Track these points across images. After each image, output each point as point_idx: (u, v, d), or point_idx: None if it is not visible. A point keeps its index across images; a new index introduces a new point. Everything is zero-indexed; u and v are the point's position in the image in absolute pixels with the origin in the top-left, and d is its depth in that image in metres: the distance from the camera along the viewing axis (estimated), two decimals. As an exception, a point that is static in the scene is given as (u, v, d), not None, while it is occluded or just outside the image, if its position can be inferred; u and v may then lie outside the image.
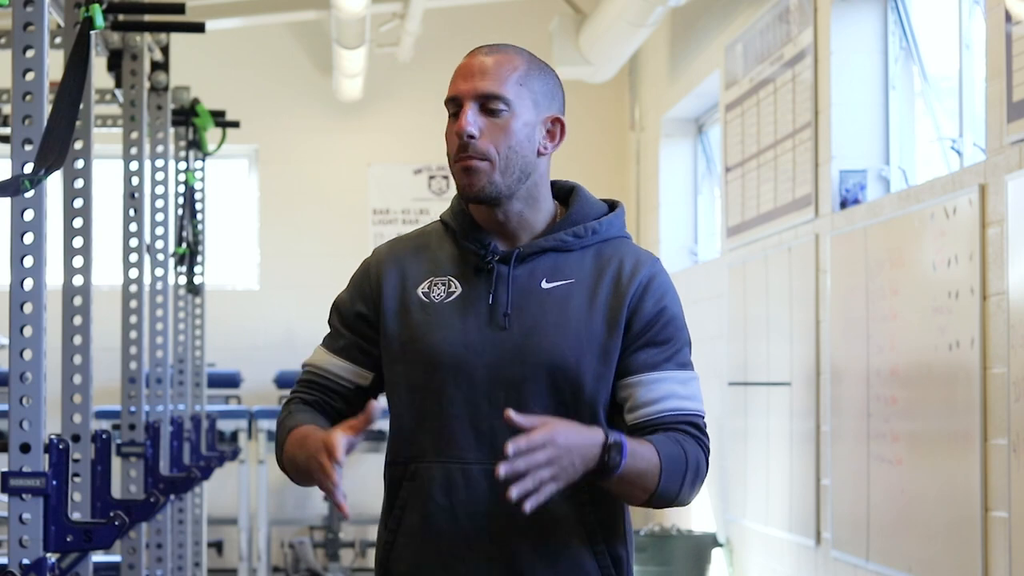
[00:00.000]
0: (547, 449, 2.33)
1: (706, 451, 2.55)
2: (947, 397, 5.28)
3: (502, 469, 2.31)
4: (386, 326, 2.56)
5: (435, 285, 2.56)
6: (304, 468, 2.47)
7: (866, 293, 6.04)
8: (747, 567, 7.85)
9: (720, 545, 8.21)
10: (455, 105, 2.53)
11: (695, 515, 8.87)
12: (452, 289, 2.55)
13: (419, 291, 2.56)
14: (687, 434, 2.52)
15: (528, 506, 2.32)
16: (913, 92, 6.39)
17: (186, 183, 6.97)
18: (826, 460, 6.57)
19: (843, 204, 6.45)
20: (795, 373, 7.00)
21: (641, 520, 9.55)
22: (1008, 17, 4.80)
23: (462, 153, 2.50)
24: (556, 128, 2.59)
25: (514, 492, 2.30)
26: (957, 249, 5.18)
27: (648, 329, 2.53)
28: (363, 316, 2.59)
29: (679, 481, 2.49)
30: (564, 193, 2.63)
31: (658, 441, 2.47)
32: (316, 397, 2.61)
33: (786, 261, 7.11)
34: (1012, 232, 4.75)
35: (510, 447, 2.31)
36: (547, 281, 2.54)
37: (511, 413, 2.35)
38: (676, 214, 9.76)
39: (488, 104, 2.51)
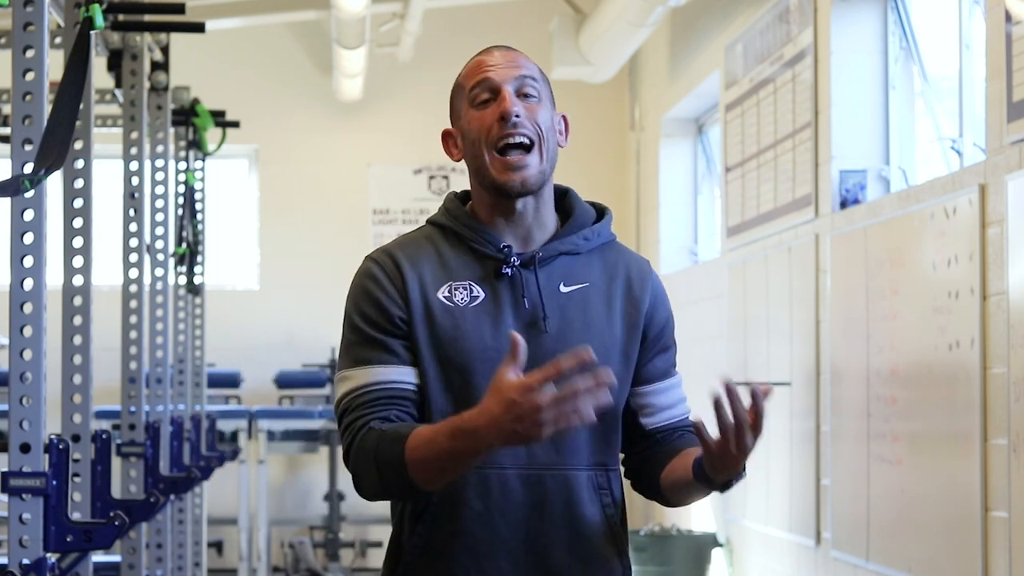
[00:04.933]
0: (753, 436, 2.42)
1: None
2: (947, 397, 5.28)
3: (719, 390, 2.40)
4: (415, 328, 2.49)
5: (456, 290, 2.51)
6: (460, 451, 2.31)
7: (866, 293, 6.04)
8: (747, 567, 7.85)
9: (720, 545, 8.21)
10: (488, 91, 2.51)
11: (695, 515, 8.87)
12: (475, 294, 2.52)
13: (440, 295, 2.51)
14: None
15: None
16: (913, 92, 6.39)
17: (186, 183, 6.97)
18: (826, 460, 6.57)
19: (843, 204, 6.45)
20: (795, 373, 7.00)
21: (641, 520, 9.55)
22: (1008, 17, 4.80)
23: (509, 132, 2.48)
24: (563, 125, 2.62)
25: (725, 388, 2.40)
26: (957, 249, 5.18)
27: (660, 337, 2.62)
28: (400, 318, 2.49)
29: None
30: (558, 195, 2.63)
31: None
32: (390, 411, 2.46)
33: (786, 261, 7.11)
34: (1012, 232, 4.75)
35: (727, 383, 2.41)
36: (565, 285, 2.54)
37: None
38: (676, 214, 9.76)
39: (523, 88, 2.53)
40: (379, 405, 2.46)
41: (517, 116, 2.49)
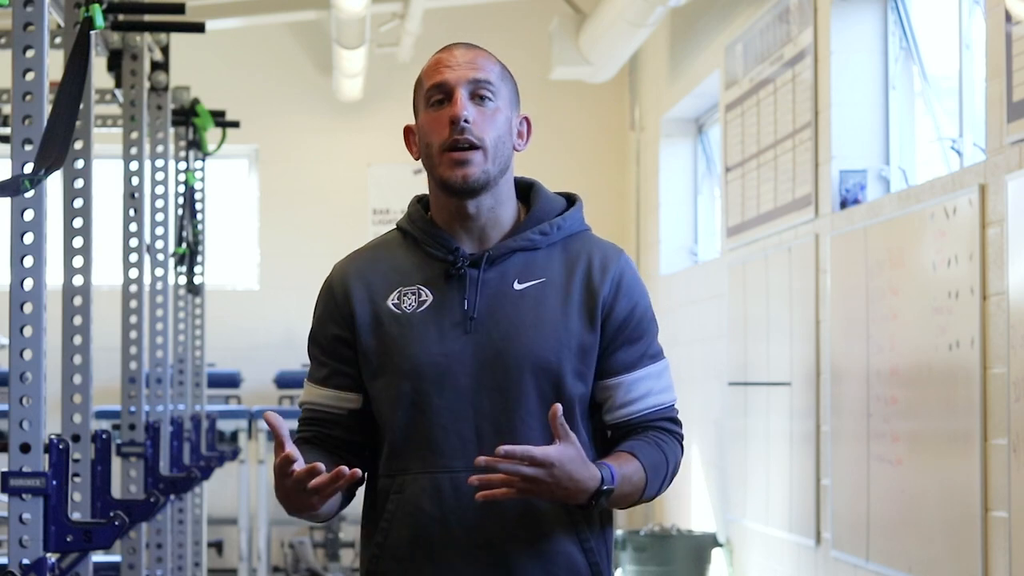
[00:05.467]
0: (539, 469, 2.35)
1: (681, 442, 2.60)
2: (947, 397, 5.28)
3: (481, 459, 2.34)
4: (362, 342, 2.54)
5: (404, 295, 2.54)
6: (282, 494, 2.46)
7: (866, 293, 6.04)
8: (747, 567, 7.85)
9: (720, 545, 8.21)
10: (442, 92, 2.51)
11: (695, 515, 8.87)
12: (423, 298, 2.53)
13: (389, 303, 2.54)
14: (666, 431, 2.57)
15: (478, 496, 2.36)
16: (913, 92, 6.39)
17: (186, 183, 6.96)
18: (826, 460, 6.57)
19: (843, 204, 6.45)
20: (795, 373, 7.00)
21: (641, 520, 9.55)
22: (1008, 17, 4.80)
23: (457, 138, 2.48)
24: (524, 128, 2.60)
25: (474, 480, 2.36)
26: (957, 249, 5.18)
27: (624, 329, 2.55)
28: (339, 338, 2.57)
29: (658, 486, 2.54)
30: (523, 189, 2.62)
31: (642, 453, 2.50)
32: (312, 432, 2.59)
33: (786, 261, 7.11)
34: (1012, 232, 4.75)
35: (503, 448, 2.33)
36: (519, 282, 2.53)
37: (557, 410, 2.37)
38: (676, 214, 9.76)
39: (478, 91, 2.51)
40: (309, 424, 2.61)
41: (466, 121, 2.48)
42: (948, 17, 5.90)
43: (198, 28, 5.56)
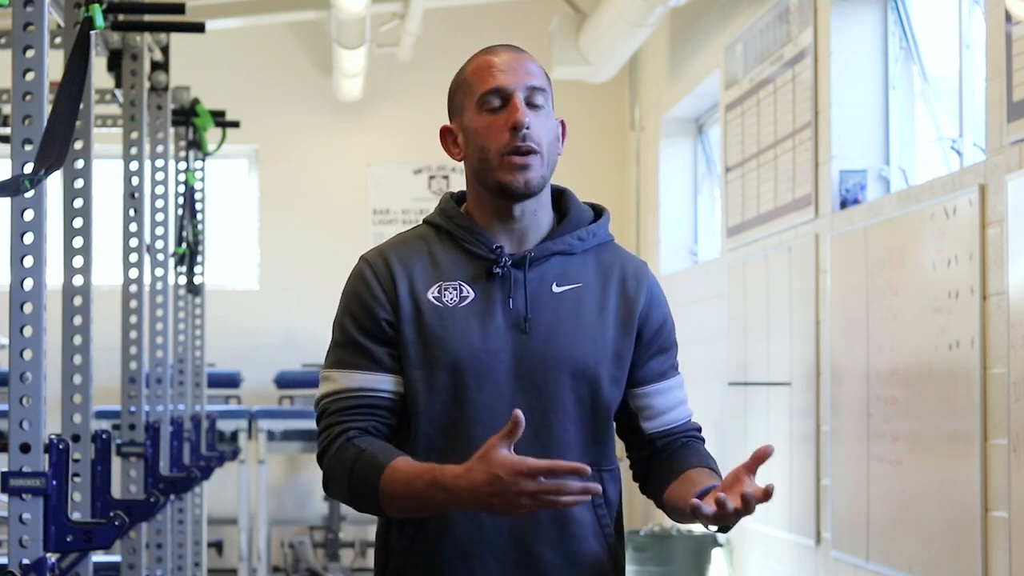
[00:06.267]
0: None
1: None
2: (947, 397, 5.28)
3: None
4: (403, 330, 2.51)
5: (445, 289, 2.53)
6: (436, 502, 2.36)
7: (866, 293, 6.04)
8: (747, 567, 7.85)
9: (720, 545, 8.21)
10: (499, 97, 2.52)
11: (695, 515, 8.86)
12: (464, 294, 2.53)
13: (429, 295, 2.52)
14: (699, 439, 2.67)
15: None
16: (913, 92, 6.39)
17: (186, 183, 6.97)
18: (826, 460, 6.57)
19: (843, 204, 6.45)
20: (795, 373, 7.00)
21: (641, 520, 9.55)
22: (1008, 17, 4.80)
23: (519, 145, 2.49)
24: (561, 130, 2.62)
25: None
26: (957, 249, 5.18)
27: (657, 339, 2.61)
28: (387, 321, 2.51)
29: None
30: (555, 196, 2.64)
31: (715, 468, 2.60)
32: (369, 422, 2.50)
33: (786, 261, 7.11)
34: (1012, 232, 4.75)
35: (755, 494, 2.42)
36: (557, 285, 2.55)
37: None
38: (676, 214, 9.76)
39: (533, 98, 2.53)
40: (357, 413, 2.50)
41: (527, 128, 2.50)
42: (948, 17, 5.90)
43: (198, 28, 5.56)
